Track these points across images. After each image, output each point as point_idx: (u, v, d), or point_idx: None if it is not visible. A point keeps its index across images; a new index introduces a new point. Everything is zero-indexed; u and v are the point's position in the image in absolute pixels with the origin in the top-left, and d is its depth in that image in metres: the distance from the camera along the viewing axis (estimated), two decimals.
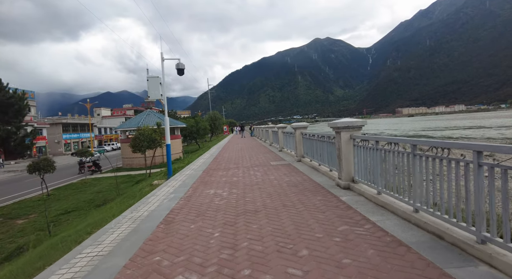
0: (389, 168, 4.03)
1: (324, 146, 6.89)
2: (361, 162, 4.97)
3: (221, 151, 16.76)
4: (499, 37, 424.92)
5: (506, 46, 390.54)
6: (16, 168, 41.43)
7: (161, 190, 6.53)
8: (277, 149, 14.44)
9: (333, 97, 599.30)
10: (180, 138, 36.60)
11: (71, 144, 71.95)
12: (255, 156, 12.23)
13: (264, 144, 19.46)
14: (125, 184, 22.70)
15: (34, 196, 19.96)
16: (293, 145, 10.84)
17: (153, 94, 9.02)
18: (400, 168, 3.73)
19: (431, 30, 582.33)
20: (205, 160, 12.27)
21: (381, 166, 4.25)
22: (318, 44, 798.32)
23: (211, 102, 76.75)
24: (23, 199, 19.73)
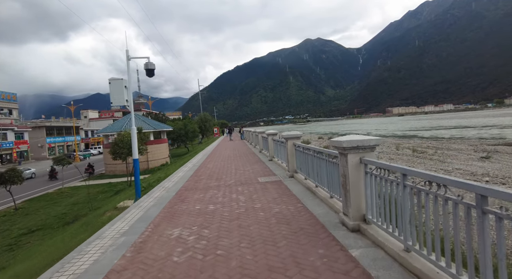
0: (427, 217, 2.69)
1: (322, 164, 5.52)
2: (376, 196, 3.63)
3: (207, 159, 15.29)
4: (485, 38, 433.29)
5: (492, 47, 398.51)
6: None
7: (114, 225, 5.06)
8: (267, 158, 13.06)
9: (324, 98, 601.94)
10: (166, 142, 34.94)
11: (55, 148, 69.33)
12: (242, 167, 10.83)
13: (253, 150, 18.07)
14: (104, 194, 21.02)
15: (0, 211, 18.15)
16: (284, 156, 9.48)
17: (117, 100, 7.52)
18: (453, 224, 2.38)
19: (420, 31, 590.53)
20: (185, 173, 10.81)
21: (412, 211, 2.91)
22: (309, 44, 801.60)
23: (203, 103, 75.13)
24: None
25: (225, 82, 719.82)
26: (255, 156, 14.47)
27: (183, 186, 8.11)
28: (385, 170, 3.42)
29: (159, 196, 7.12)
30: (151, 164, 31.96)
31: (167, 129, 34.82)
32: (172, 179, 9.56)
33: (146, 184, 10.53)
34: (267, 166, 10.58)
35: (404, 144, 42.68)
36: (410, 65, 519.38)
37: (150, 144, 32.03)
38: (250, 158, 13.74)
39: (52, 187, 24.98)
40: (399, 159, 26.62)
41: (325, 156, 5.26)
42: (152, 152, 32.06)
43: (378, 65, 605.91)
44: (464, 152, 29.37)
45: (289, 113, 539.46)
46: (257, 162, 11.99)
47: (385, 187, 3.42)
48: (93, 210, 13.75)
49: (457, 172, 19.21)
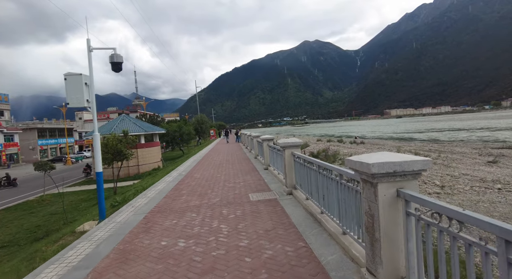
0: None
1: (331, 186, 4.11)
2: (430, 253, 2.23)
3: (196, 166, 13.83)
4: (482, 41, 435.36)
5: (488, 49, 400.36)
6: None
7: (44, 272, 3.60)
8: (262, 165, 11.64)
9: (322, 99, 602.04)
10: (158, 145, 33.41)
11: (48, 150, 67.57)
12: (233, 178, 9.39)
13: (248, 155, 16.64)
14: (88, 202, 19.50)
15: None
16: (281, 166, 8.08)
17: (75, 100, 6.03)
18: None
19: (417, 33, 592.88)
20: (167, 184, 9.34)
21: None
22: (307, 46, 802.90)
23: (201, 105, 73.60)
24: None
25: (223, 83, 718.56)
26: (249, 163, 13.04)
27: (157, 205, 6.65)
28: (438, 214, 2.02)
29: (122, 221, 5.66)
30: (142, 169, 30.43)
31: (160, 132, 33.29)
32: (148, 193, 8.09)
33: (121, 198, 9.08)
34: (261, 177, 9.15)
35: (404, 147, 41.42)
36: (408, 67, 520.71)
37: (141, 147, 30.53)
38: (244, 166, 12.30)
39: (37, 193, 23.38)
40: None
41: (337, 176, 3.84)
42: (143, 156, 30.56)
43: (376, 67, 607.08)
44: (468, 155, 28.12)
45: (287, 115, 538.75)
46: (251, 172, 10.55)
47: (438, 239, 2.03)
48: (68, 223, 12.25)
49: (464, 178, 17.88)
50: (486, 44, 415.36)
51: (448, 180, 17.59)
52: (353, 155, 27.53)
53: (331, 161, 23.76)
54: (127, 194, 9.96)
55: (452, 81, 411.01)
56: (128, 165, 29.65)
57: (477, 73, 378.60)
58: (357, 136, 65.56)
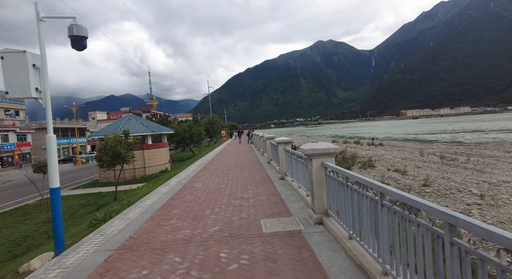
0: None
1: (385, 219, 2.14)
2: None
3: (201, 171, 12.01)
4: (504, 39, 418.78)
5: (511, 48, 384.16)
6: None
7: None
8: (277, 174, 9.71)
9: (336, 100, 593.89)
10: (166, 146, 31.89)
11: (60, 150, 67.60)
12: (241, 192, 7.47)
13: (260, 159, 14.71)
14: (87, 208, 18.02)
15: None
16: (304, 178, 6.13)
17: (17, 89, 4.23)
18: None
19: (434, 32, 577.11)
20: (159, 198, 7.52)
21: None
22: (321, 46, 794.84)
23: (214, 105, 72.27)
24: None
25: (236, 84, 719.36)
26: (261, 170, 11.11)
27: (133, 234, 4.80)
28: None
29: (73, 264, 3.82)
30: (149, 171, 28.97)
31: (168, 132, 31.77)
32: (131, 212, 6.26)
33: (103, 214, 7.31)
34: (276, 191, 7.19)
35: (427, 149, 38.62)
36: (424, 67, 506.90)
37: (148, 148, 29.07)
38: (255, 173, 10.38)
39: (31, 198, 22.14)
40: (427, 167, 22.84)
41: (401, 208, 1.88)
42: (149, 158, 29.09)
43: (391, 67, 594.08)
44: (502, 159, 25.34)
45: (300, 116, 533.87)
46: (263, 182, 8.61)
47: None
48: (51, 238, 10.66)
49: (506, 186, 15.45)
50: (508, 42, 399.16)
51: (487, 189, 15.17)
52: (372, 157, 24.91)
53: (349, 164, 21.58)
54: (109, 211, 8.18)
55: (472, 81, 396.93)
56: (134, 167, 28.25)
57: (498, 73, 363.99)
58: (374, 137, 62.73)
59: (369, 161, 25.62)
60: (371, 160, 26.33)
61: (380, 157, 29.50)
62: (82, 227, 7.88)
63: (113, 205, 10.29)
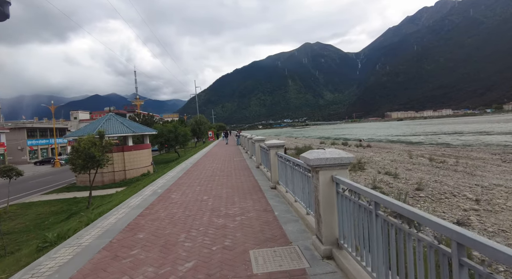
0: None
1: None
2: None
3: (182, 177, 10.70)
4: (484, 44, 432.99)
5: (490, 53, 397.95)
6: None
7: None
8: (267, 181, 8.55)
9: (323, 101, 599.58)
10: (148, 147, 30.26)
11: (38, 151, 64.43)
12: (225, 205, 6.25)
13: (248, 163, 13.51)
14: (58, 216, 16.35)
15: None
16: (302, 191, 4.99)
17: None
18: None
19: (418, 36, 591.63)
20: (126, 214, 6.21)
21: None
22: (309, 48, 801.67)
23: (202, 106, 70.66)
24: None
25: (224, 85, 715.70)
26: (249, 176, 9.91)
27: (76, 274, 3.53)
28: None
29: None
30: (129, 174, 27.30)
31: (150, 133, 30.14)
32: (83, 237, 4.93)
33: (56, 234, 5.95)
34: (269, 205, 5.99)
35: (415, 151, 38.34)
36: (409, 70, 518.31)
37: (128, 150, 27.40)
38: (243, 180, 9.16)
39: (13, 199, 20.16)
40: (417, 170, 22.20)
41: None
42: (130, 160, 27.42)
43: (377, 69, 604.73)
44: (490, 162, 25.07)
45: (287, 117, 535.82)
46: (252, 192, 7.42)
47: None
48: (2, 258, 9.12)
49: (499, 190, 14.84)
50: (487, 47, 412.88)
51: (481, 193, 14.49)
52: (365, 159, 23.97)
53: None
54: (68, 226, 6.80)
55: (454, 84, 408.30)
56: (114, 170, 26.56)
57: (478, 76, 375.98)
58: (362, 139, 62.65)
59: (358, 163, 24.86)
60: (361, 162, 25.58)
61: (369, 159, 28.83)
62: (30, 250, 6.45)
63: (72, 221, 8.87)
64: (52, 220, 15.23)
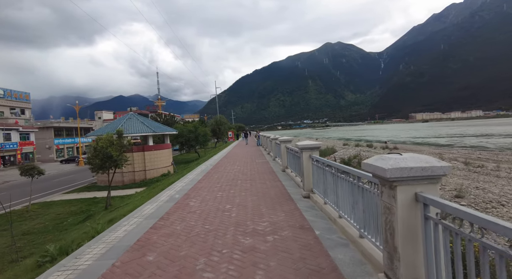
0: None
1: None
2: None
3: (202, 180, 9.85)
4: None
5: None
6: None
7: None
8: (297, 188, 7.50)
9: (344, 102, 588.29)
10: (169, 147, 29.87)
11: (64, 150, 66.40)
12: (252, 218, 5.26)
13: (272, 165, 12.49)
14: (77, 216, 15.99)
15: None
16: (352, 206, 3.92)
17: None
18: None
19: (445, 34, 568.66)
20: (138, 225, 5.36)
21: None
22: (329, 48, 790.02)
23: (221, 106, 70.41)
24: None
25: (244, 86, 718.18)
26: (275, 181, 8.89)
27: None
28: None
29: None
30: (150, 174, 26.96)
31: (171, 132, 29.75)
32: (83, 256, 4.08)
33: (58, 248, 5.18)
34: (305, 220, 4.93)
35: (446, 154, 35.89)
36: (434, 69, 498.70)
37: (149, 149, 27.09)
38: (269, 186, 8.15)
39: (21, 203, 20.26)
40: (453, 174, 20.35)
41: None
42: (151, 160, 27.09)
43: (400, 69, 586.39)
44: None
45: (307, 118, 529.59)
46: (282, 201, 6.39)
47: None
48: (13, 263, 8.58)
49: None
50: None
51: None
52: None
53: None
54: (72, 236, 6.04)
55: (483, 84, 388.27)
56: (134, 170, 26.31)
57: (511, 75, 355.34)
58: (387, 141, 60.15)
59: None
60: None
61: None
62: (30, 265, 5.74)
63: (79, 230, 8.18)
64: (70, 221, 14.87)
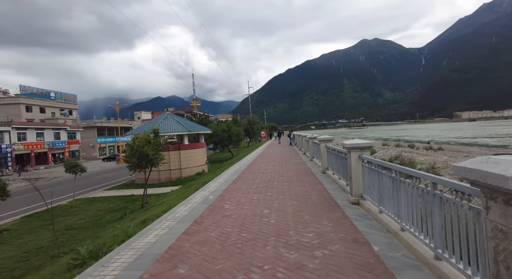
0: None
1: None
2: None
3: (236, 181, 9.41)
4: None
5: None
6: (39, 175, 37.70)
7: None
8: (342, 193, 6.74)
9: (381, 100, 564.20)
10: (203, 146, 30.06)
11: (106, 148, 70.28)
12: (295, 227, 4.65)
13: (310, 166, 11.74)
14: (115, 213, 16.39)
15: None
16: (420, 217, 3.16)
17: None
18: None
19: (497, 26, 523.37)
20: (175, 225, 4.98)
21: None
22: (366, 45, 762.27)
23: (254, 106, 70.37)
24: None
25: (276, 85, 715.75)
26: (316, 183, 8.17)
27: None
28: None
29: None
30: (185, 173, 27.29)
31: (205, 132, 29.93)
32: (110, 265, 3.73)
33: (88, 251, 4.94)
34: (359, 233, 4.19)
35: None
36: (483, 64, 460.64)
37: (184, 148, 27.42)
38: (309, 190, 7.46)
39: (66, 198, 21.30)
40: None
41: None
42: (186, 158, 27.40)
43: (444, 65, 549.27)
44: None
45: (342, 117, 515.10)
46: (327, 208, 5.69)
47: None
48: (54, 258, 8.72)
49: None
50: None
51: None
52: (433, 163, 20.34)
53: None
54: (105, 237, 5.82)
55: None
56: (170, 168, 26.77)
57: None
58: (430, 141, 56.28)
59: (432, 168, 21.52)
60: (434, 167, 22.13)
61: (444, 164, 25.08)
62: (61, 267, 5.58)
63: (111, 232, 8.04)
64: (108, 218, 15.24)
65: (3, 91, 61.63)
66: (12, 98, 56.23)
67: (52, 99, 64.74)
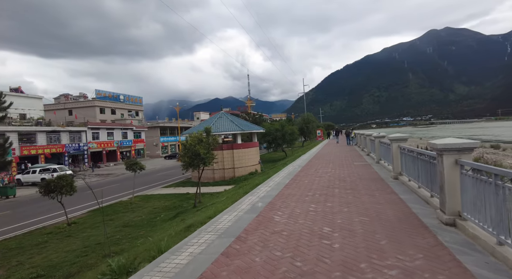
0: None
1: None
2: None
3: (289, 184, 8.34)
4: None
5: None
6: (109, 172, 41.43)
7: None
8: (426, 206, 5.21)
9: (453, 96, 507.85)
10: (256, 146, 29.47)
11: (168, 147, 74.78)
12: (369, 256, 3.42)
13: (377, 170, 10.09)
14: (170, 211, 16.55)
15: (54, 224, 15.56)
16: None
17: None
18: None
19: None
20: (215, 240, 4.14)
21: None
22: (434, 36, 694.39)
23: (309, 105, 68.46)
24: (39, 226, 15.14)
25: (333, 82, 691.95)
26: (388, 192, 6.68)
27: None
28: None
29: None
30: (238, 172, 27.01)
31: (258, 131, 29.32)
32: None
33: (120, 265, 4.36)
34: (468, 274, 2.86)
35: None
36: None
37: (237, 148, 27.15)
38: (381, 202, 6.03)
39: (126, 195, 22.42)
40: None
41: None
42: (239, 158, 27.11)
43: None
44: None
45: (407, 114, 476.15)
46: (411, 229, 4.29)
47: None
48: (107, 257, 8.65)
49: None
50: None
51: None
52: None
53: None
54: (137, 250, 5.22)
55: None
56: (224, 167, 26.74)
57: None
58: None
59: None
60: None
61: None
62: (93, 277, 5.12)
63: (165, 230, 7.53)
64: (162, 217, 15.34)
65: (83, 96, 69.52)
66: (89, 102, 62.97)
67: (121, 102, 70.91)
